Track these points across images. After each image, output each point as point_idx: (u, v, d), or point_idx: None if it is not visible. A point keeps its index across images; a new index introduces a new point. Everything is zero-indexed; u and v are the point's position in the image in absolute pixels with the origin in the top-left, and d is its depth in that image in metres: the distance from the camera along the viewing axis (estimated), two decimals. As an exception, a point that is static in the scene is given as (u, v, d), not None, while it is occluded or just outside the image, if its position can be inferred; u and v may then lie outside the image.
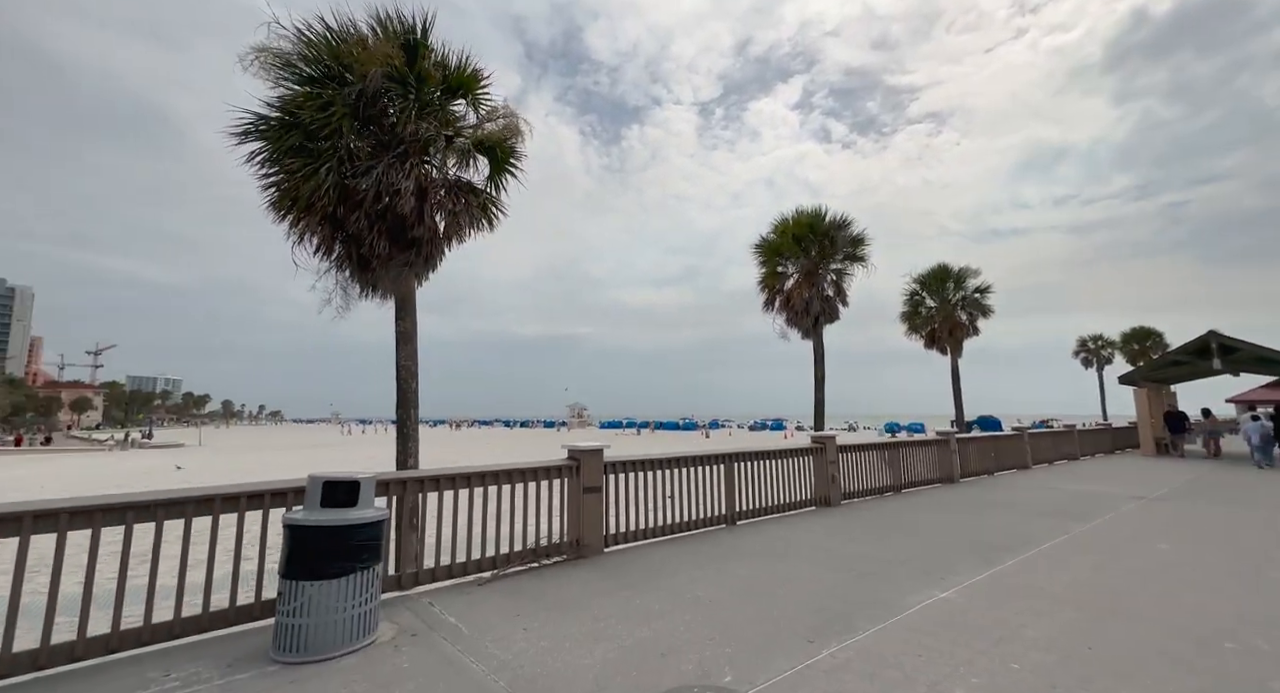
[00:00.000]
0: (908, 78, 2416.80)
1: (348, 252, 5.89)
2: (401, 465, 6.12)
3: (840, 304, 12.59)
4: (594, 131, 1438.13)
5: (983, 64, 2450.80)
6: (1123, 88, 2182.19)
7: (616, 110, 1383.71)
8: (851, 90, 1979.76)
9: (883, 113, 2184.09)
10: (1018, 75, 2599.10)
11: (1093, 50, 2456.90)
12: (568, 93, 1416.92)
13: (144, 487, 16.95)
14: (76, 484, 18.90)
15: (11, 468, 26.12)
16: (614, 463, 5.59)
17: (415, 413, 6.34)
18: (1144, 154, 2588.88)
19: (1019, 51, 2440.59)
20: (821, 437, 8.14)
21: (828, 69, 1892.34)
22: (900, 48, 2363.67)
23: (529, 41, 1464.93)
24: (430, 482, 4.41)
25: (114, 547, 3.15)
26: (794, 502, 7.43)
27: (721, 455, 6.64)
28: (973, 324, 17.12)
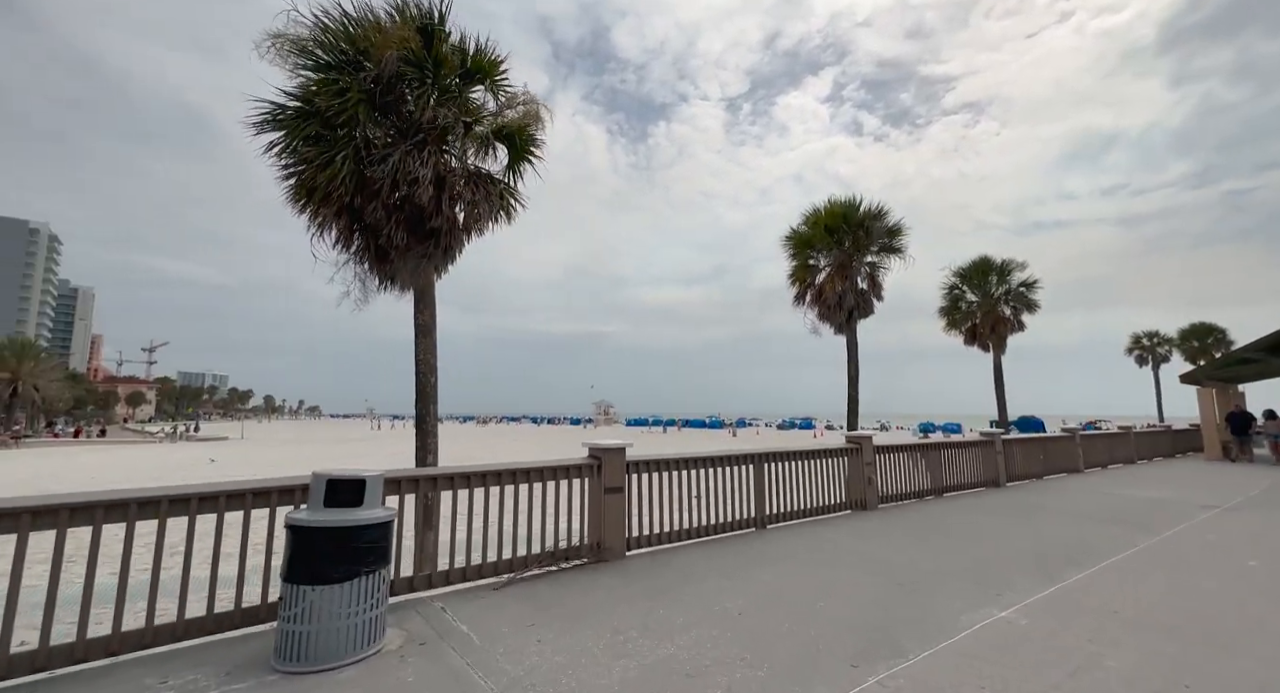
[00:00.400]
0: (943, 67, 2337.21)
1: (366, 243, 5.78)
2: (421, 462, 5.99)
3: (875, 298, 12.01)
4: (621, 130, 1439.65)
5: (1024, 50, 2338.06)
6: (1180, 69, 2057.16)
7: (643, 108, 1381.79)
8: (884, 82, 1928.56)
9: (917, 104, 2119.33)
10: (1062, 61, 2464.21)
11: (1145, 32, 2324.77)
12: (595, 92, 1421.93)
13: (180, 477, 17.57)
14: (125, 472, 19.71)
15: (74, 457, 27.55)
16: (637, 462, 5.33)
17: (434, 408, 6.20)
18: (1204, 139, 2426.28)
19: (1063, 36, 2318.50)
20: (857, 437, 7.71)
21: (859, 60, 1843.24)
22: (935, 36, 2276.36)
23: (556, 41, 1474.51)
24: (445, 480, 4.23)
25: (116, 546, 3.05)
26: (828, 505, 7.03)
27: (751, 455, 6.30)
28: (1017, 319, 16.18)
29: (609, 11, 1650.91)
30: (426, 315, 6.09)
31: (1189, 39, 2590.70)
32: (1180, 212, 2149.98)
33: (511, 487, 4.51)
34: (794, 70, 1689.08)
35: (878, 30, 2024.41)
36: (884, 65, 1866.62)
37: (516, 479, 4.54)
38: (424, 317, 6.07)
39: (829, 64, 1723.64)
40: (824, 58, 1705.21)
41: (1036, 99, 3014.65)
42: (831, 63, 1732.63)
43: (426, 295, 6.10)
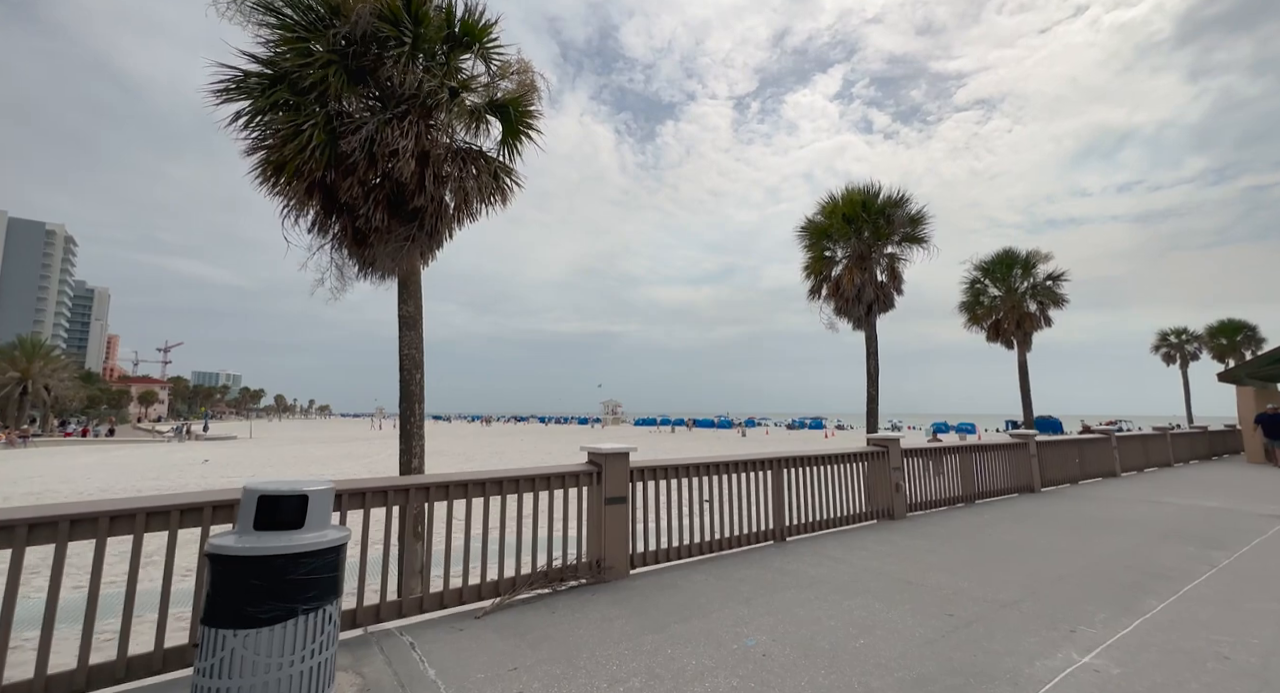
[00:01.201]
0: (955, 63, 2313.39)
1: (342, 225, 5.25)
2: (405, 468, 5.44)
3: (895, 291, 11.33)
4: (629, 129, 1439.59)
5: (1037, 46, 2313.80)
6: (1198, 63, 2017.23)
7: (651, 107, 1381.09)
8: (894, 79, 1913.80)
9: (927, 101, 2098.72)
10: (1077, 56, 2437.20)
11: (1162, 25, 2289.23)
12: (603, 91, 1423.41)
13: (172, 477, 17.23)
14: (114, 472, 19.43)
15: (75, 457, 27.45)
16: (642, 469, 4.75)
17: (420, 408, 5.66)
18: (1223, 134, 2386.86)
19: (1078, 30, 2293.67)
20: (883, 439, 7.07)
21: (869, 57, 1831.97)
22: (947, 32, 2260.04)
23: (564, 41, 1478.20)
24: (419, 491, 3.67)
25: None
26: (851, 514, 6.41)
27: (768, 460, 5.70)
28: (1044, 315, 15.37)
29: (617, 10, 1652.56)
30: (411, 306, 5.54)
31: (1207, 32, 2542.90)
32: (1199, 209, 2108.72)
33: (499, 498, 3.95)
34: (803, 68, 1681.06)
35: (888, 26, 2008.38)
36: (894, 62, 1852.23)
37: (504, 489, 3.97)
38: (408, 307, 5.53)
39: (838, 61, 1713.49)
40: (833, 55, 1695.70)
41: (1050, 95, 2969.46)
42: (841, 60, 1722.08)
43: (411, 284, 5.55)
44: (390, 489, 3.57)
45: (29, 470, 20.98)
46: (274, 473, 18.57)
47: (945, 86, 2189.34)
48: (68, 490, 13.73)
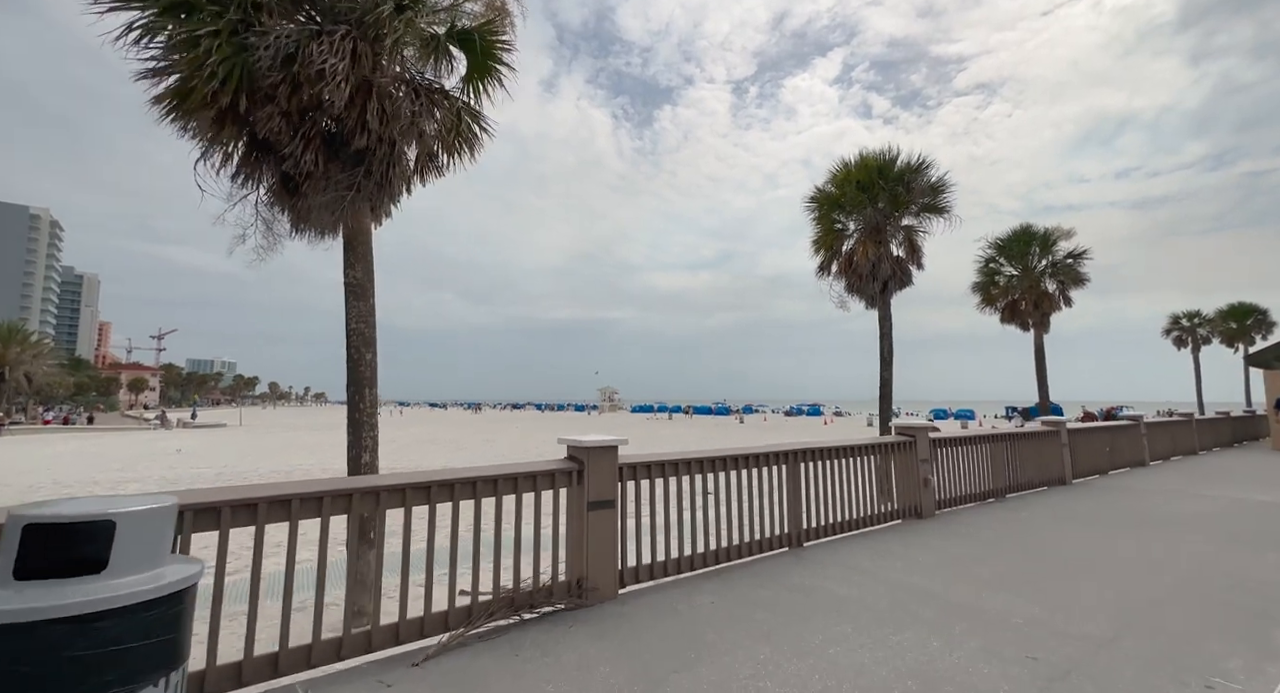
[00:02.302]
0: (955, 47, 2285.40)
1: (269, 169, 4.31)
2: (354, 466, 4.58)
3: (914, 266, 10.43)
4: (626, 114, 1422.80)
5: (1038, 29, 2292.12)
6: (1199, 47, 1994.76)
7: (648, 91, 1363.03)
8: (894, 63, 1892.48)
9: (927, 85, 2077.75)
10: (1078, 39, 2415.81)
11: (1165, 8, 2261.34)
12: (599, 75, 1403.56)
13: (141, 468, 16.28)
14: (74, 464, 18.49)
15: (44, 446, 26.50)
16: (634, 465, 3.90)
17: (372, 394, 4.77)
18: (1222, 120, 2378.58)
19: (1080, 13, 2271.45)
20: (910, 427, 6.24)
21: (869, 41, 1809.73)
22: (947, 15, 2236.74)
23: (560, 23, 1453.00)
24: (365, 497, 2.82)
25: None
26: (876, 514, 5.60)
27: (782, 453, 4.86)
28: (1063, 295, 14.53)
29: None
30: (359, 271, 4.63)
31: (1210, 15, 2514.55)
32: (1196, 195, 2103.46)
33: (451, 504, 3.09)
34: (802, 51, 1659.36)
35: (888, 9, 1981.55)
36: (894, 45, 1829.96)
37: (455, 494, 3.11)
38: (356, 272, 4.62)
39: (838, 45, 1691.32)
40: (833, 38, 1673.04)
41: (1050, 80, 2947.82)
42: (840, 43, 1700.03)
43: (358, 245, 4.63)
44: (327, 495, 2.72)
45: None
46: (249, 462, 17.72)
47: (945, 71, 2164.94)
48: (18, 484, 12.88)
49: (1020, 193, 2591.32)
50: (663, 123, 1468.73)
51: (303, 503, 2.66)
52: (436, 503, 3.04)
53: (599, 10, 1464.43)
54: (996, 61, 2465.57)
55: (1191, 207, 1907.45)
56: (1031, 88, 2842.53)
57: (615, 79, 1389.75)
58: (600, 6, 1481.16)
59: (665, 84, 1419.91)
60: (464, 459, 20.39)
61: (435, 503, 3.03)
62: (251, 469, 15.67)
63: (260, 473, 14.85)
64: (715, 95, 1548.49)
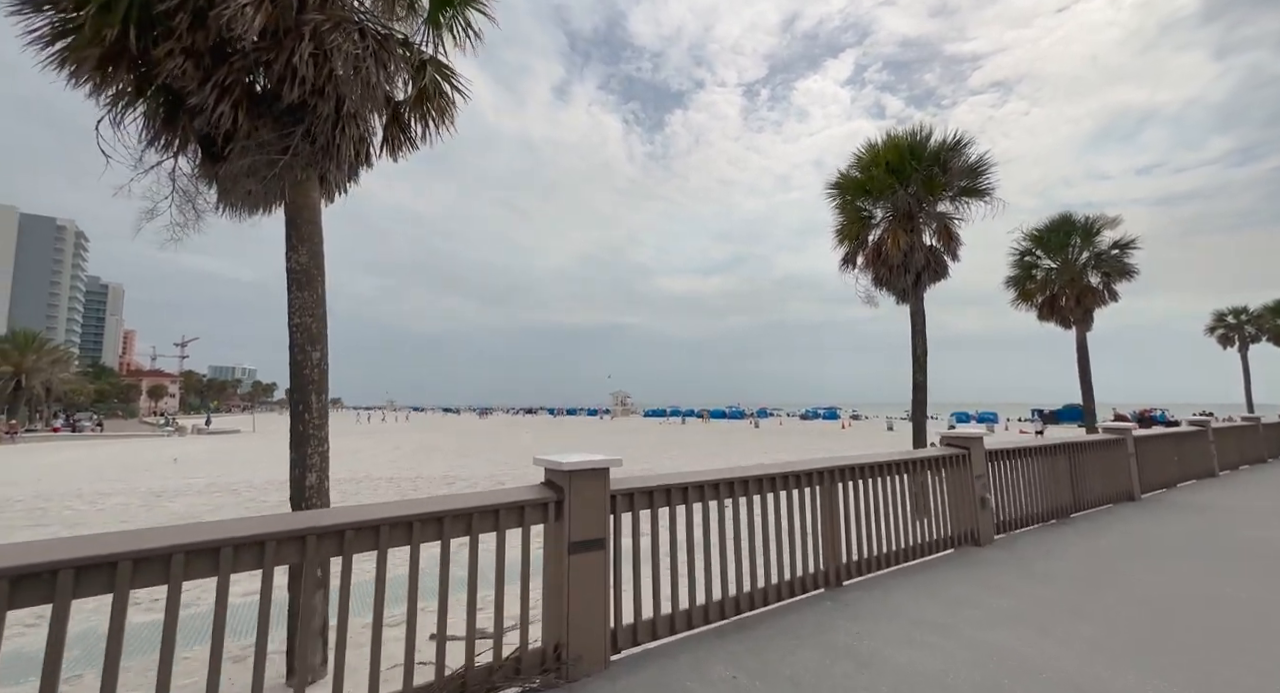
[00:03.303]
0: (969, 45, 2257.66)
1: (190, 131, 3.56)
2: (297, 489, 3.79)
3: (949, 257, 9.46)
4: (637, 119, 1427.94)
5: (1054, 25, 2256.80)
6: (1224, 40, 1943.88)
7: (659, 96, 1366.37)
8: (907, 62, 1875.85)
9: (942, 84, 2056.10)
10: (1096, 35, 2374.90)
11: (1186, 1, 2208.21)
12: (610, 81, 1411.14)
13: (135, 479, 15.71)
14: (71, 474, 18.07)
15: (49, 454, 26.34)
16: (630, 492, 3.06)
17: (322, 400, 3.99)
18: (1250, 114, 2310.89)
19: (1098, 8, 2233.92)
20: (962, 437, 5.31)
21: (881, 41, 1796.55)
22: (961, 13, 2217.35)
23: (571, 31, 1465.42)
24: (288, 544, 2.03)
25: None
26: (927, 541, 4.69)
27: (815, 472, 3.98)
28: (1108, 288, 13.37)
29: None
30: (304, 253, 3.86)
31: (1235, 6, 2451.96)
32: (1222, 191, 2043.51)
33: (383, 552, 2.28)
34: (813, 53, 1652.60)
35: (901, 9, 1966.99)
36: (907, 45, 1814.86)
37: (381, 539, 2.29)
38: (300, 255, 3.85)
39: (850, 45, 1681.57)
40: (844, 39, 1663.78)
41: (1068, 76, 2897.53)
42: (852, 44, 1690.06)
43: (302, 223, 3.86)
44: (239, 543, 1.93)
45: None
46: (244, 473, 17.16)
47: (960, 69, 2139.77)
48: None
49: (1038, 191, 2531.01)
50: (674, 127, 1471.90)
51: (189, 559, 1.88)
52: (352, 554, 2.22)
53: (610, 17, 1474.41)
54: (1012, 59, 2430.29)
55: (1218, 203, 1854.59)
56: (1048, 85, 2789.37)
57: (626, 84, 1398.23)
58: (611, 13, 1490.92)
59: (676, 88, 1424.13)
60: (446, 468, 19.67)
61: (350, 553, 2.21)
62: (243, 480, 15.09)
63: (252, 484, 14.25)
64: (726, 99, 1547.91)
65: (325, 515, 2.25)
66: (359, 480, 15.05)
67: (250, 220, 4.04)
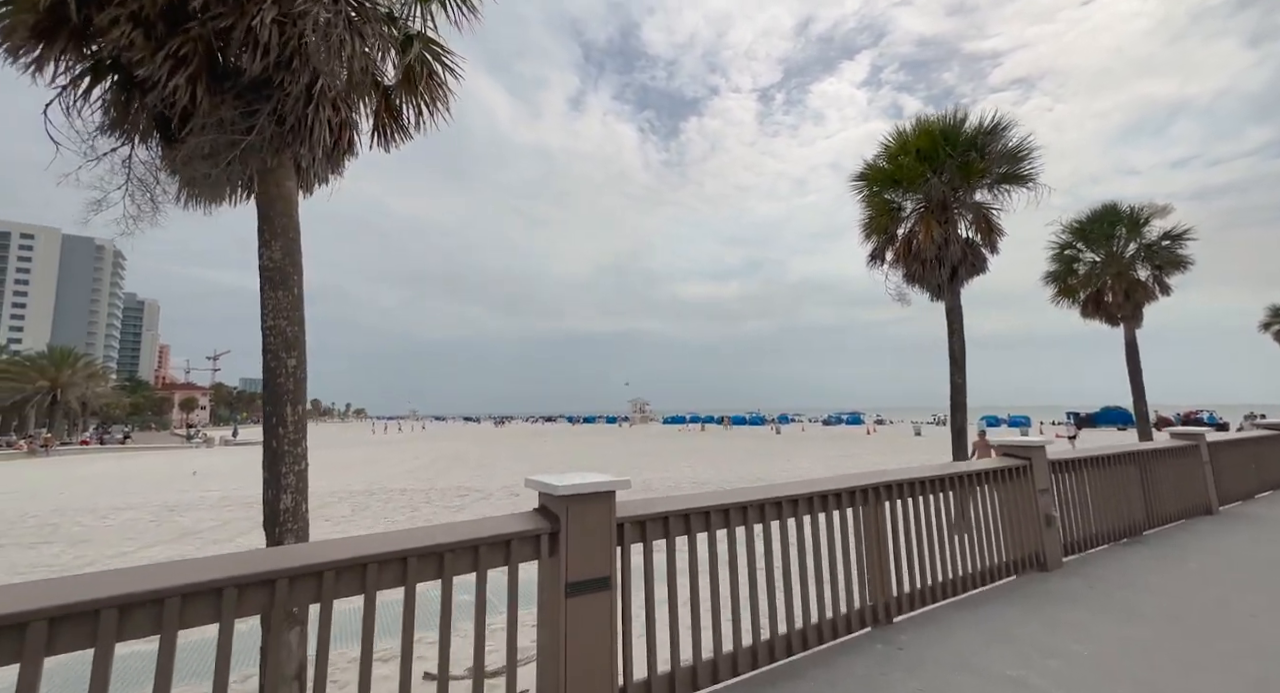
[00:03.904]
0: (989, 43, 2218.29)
1: (146, 114, 3.22)
2: (270, 512, 3.39)
3: (987, 250, 8.79)
4: (652, 127, 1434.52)
5: (1078, 19, 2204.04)
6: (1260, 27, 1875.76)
7: (674, 104, 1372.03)
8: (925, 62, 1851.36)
9: (960, 83, 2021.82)
10: (1123, 27, 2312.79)
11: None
12: (625, 91, 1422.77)
13: (154, 493, 15.71)
14: (94, 487, 18.18)
15: (79, 466, 26.82)
16: (640, 520, 2.57)
17: (298, 412, 3.59)
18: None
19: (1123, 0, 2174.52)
20: (1021, 446, 4.68)
21: (898, 41, 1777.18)
22: (979, 11, 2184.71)
23: (586, 42, 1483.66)
24: (255, 591, 1.59)
25: None
26: (986, 568, 4.09)
27: (857, 490, 3.43)
28: (1160, 282, 12.44)
29: (638, 8, 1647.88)
30: (278, 249, 3.48)
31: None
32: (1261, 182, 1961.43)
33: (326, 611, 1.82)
34: (828, 56, 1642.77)
35: (917, 9, 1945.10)
36: (924, 44, 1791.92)
37: (324, 590, 1.83)
38: (273, 252, 3.47)
39: (865, 47, 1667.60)
40: (860, 41, 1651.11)
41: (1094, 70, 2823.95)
42: (868, 45, 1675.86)
43: (276, 215, 3.49)
44: (190, 592, 1.52)
45: (13, 484, 20.17)
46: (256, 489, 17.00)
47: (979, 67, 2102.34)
48: (11, 512, 12.41)
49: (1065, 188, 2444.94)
50: (689, 134, 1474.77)
51: (124, 615, 1.49)
52: (283, 608, 1.76)
53: (624, 27, 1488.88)
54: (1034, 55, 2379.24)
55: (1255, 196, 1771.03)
56: (1072, 80, 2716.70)
57: (641, 93, 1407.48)
58: (625, 23, 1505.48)
59: (691, 96, 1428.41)
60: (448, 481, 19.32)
61: (278, 612, 1.76)
62: (257, 494, 14.91)
63: (267, 496, 14.08)
64: (741, 104, 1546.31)
65: (254, 560, 1.80)
66: (373, 492, 14.81)
67: (217, 211, 3.71)
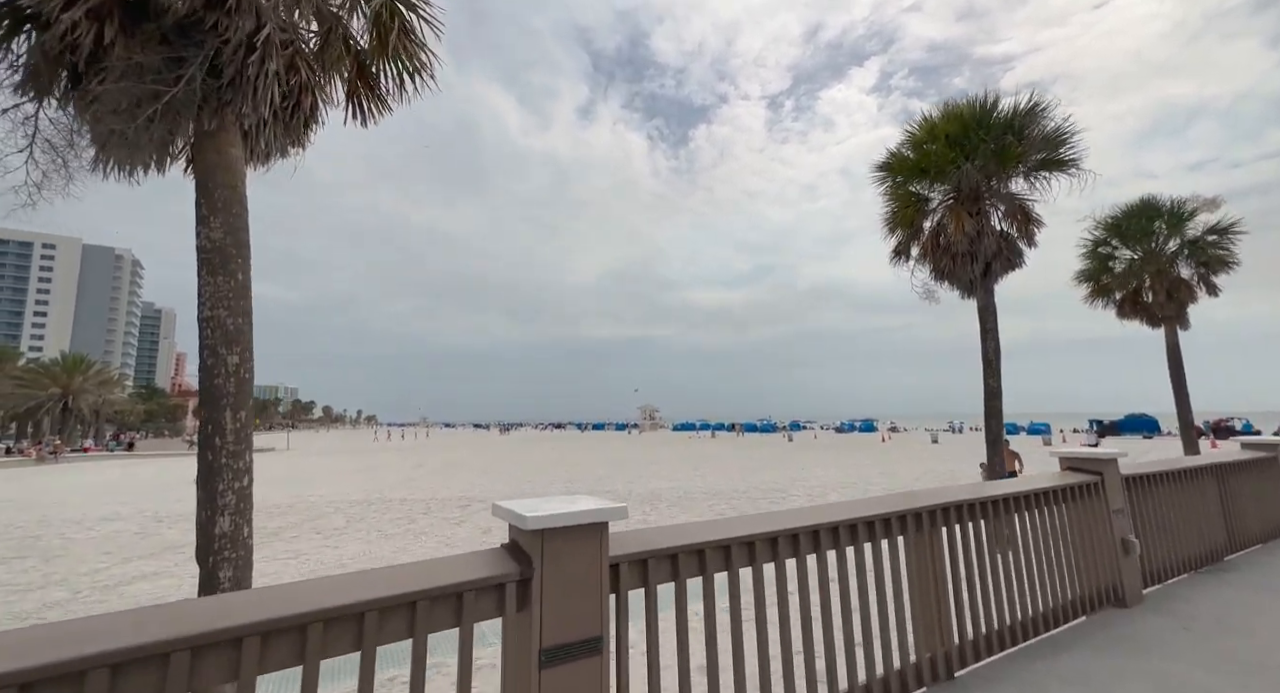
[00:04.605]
0: (1000, 47, 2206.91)
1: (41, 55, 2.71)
2: (203, 542, 2.82)
3: (1025, 243, 8.11)
4: (661, 135, 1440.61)
5: (1091, 22, 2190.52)
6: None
7: (683, 111, 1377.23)
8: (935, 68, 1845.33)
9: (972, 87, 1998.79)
10: (1137, 29, 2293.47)
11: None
12: (635, 99, 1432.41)
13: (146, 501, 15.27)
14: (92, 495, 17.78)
15: (82, 474, 26.64)
16: (641, 558, 1.98)
17: (242, 419, 3.04)
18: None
19: (1138, 1, 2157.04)
20: (1090, 459, 4.02)
21: (907, 47, 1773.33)
22: (990, 16, 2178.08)
23: (595, 51, 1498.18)
24: None
25: None
26: (1059, 605, 3.43)
27: (911, 513, 2.81)
28: (1205, 281, 11.61)
29: (646, 18, 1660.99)
30: (218, 226, 2.96)
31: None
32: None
33: None
34: (837, 62, 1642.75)
35: (927, 14, 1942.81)
36: (934, 50, 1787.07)
37: (309, 645, 1.25)
38: (212, 229, 2.95)
39: (875, 53, 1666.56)
40: (869, 47, 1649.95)
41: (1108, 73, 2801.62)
42: (878, 52, 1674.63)
43: (217, 186, 2.96)
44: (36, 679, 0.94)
45: (12, 492, 19.94)
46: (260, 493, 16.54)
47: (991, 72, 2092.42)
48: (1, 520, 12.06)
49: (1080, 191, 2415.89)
50: (698, 141, 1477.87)
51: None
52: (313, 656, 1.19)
53: (633, 37, 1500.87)
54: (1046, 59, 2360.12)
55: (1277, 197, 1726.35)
56: (1086, 83, 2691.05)
57: (650, 101, 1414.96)
58: (634, 33, 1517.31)
59: (700, 103, 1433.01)
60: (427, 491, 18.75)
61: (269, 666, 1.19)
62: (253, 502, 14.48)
63: (259, 507, 13.62)
64: (750, 111, 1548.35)
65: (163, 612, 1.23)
66: (370, 501, 14.30)
67: (144, 181, 3.21)
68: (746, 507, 13.07)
